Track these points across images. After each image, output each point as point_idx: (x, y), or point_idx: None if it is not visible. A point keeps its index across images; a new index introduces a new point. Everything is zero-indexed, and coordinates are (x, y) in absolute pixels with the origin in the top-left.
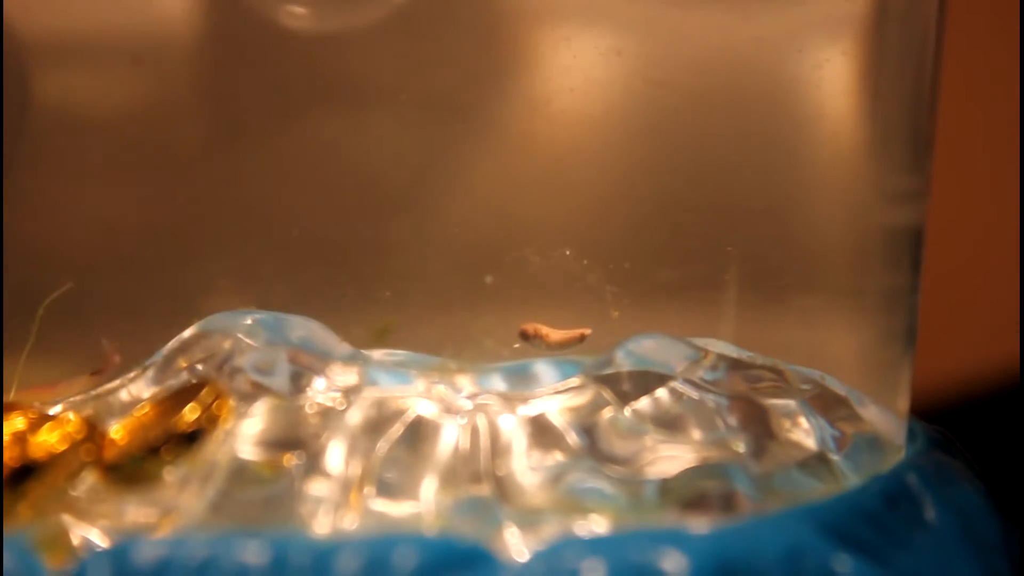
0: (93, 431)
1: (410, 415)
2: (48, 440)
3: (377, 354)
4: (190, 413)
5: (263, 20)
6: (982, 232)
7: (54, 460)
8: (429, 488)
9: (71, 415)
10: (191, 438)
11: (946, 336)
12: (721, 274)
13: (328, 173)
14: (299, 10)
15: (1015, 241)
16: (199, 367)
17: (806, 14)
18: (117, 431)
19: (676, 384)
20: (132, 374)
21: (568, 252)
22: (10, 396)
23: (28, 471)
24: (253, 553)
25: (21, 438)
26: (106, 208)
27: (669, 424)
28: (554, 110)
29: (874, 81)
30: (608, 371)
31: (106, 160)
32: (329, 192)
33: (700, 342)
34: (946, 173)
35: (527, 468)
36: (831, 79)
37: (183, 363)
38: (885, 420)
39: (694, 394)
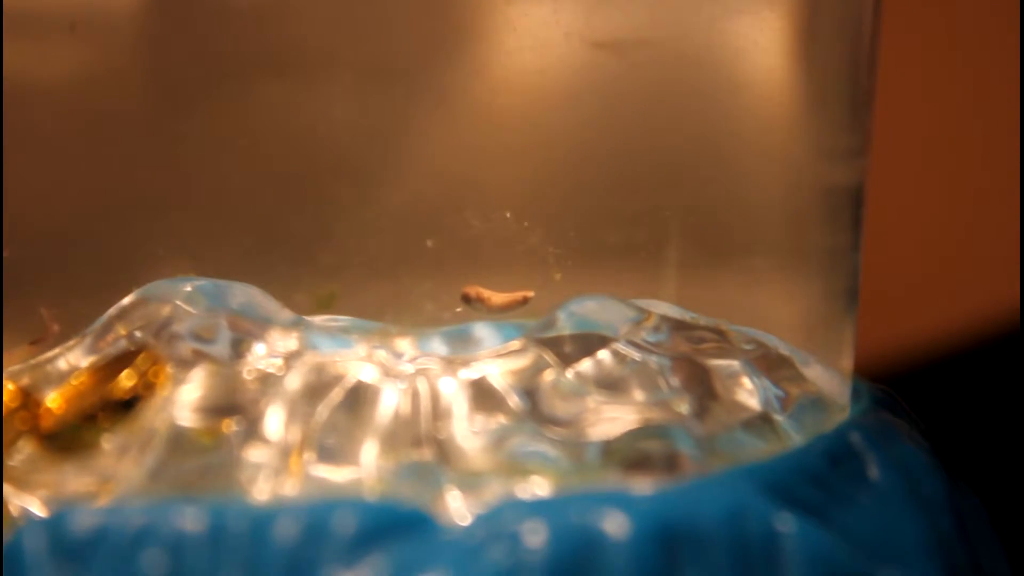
0: (28, 400)
1: (350, 380)
2: None
3: (318, 320)
4: (126, 380)
5: None
6: (981, 184)
7: None
8: (370, 453)
9: (8, 384)
10: (128, 405)
11: (945, 285)
12: (663, 236)
13: (269, 140)
14: None
15: (1015, 190)
16: (137, 334)
17: None
18: (53, 400)
19: (618, 346)
20: (70, 343)
21: (509, 215)
22: None
23: None
24: (190, 520)
25: None
26: (44, 177)
27: (611, 386)
28: (494, 73)
29: (811, 40)
30: (550, 333)
31: (44, 129)
32: (270, 159)
33: (643, 303)
34: (943, 129)
35: (468, 432)
36: (768, 39)
37: (121, 331)
38: (829, 380)
39: (636, 356)
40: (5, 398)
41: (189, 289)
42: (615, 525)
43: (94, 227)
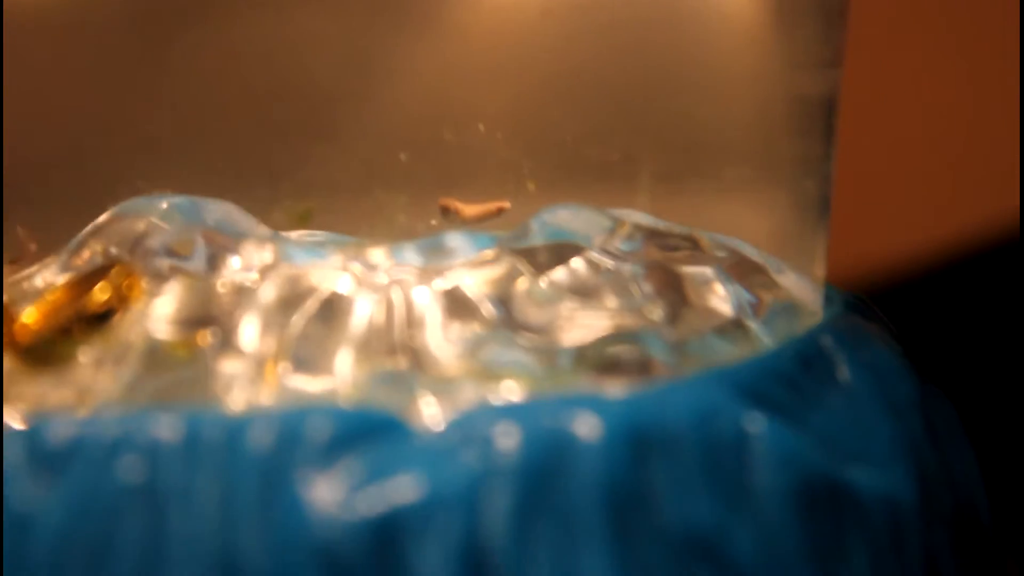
0: (5, 315)
1: (324, 291)
2: None
3: (294, 235)
4: (100, 293)
5: None
6: (980, 87)
7: None
8: (344, 362)
9: None
10: (102, 318)
11: (946, 193)
12: (636, 149)
13: (245, 62)
14: None
15: (1015, 94)
16: (112, 250)
17: None
18: (29, 314)
19: (592, 254)
20: (47, 260)
21: (482, 127)
22: None
23: None
24: (166, 429)
25: None
26: (24, 102)
27: (585, 293)
28: None
29: None
30: (524, 243)
31: (25, 56)
32: (246, 81)
33: (617, 213)
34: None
35: (443, 340)
36: None
37: (96, 247)
38: (801, 286)
39: (610, 264)
40: None
41: (165, 206)
42: (586, 428)
43: (74, 150)
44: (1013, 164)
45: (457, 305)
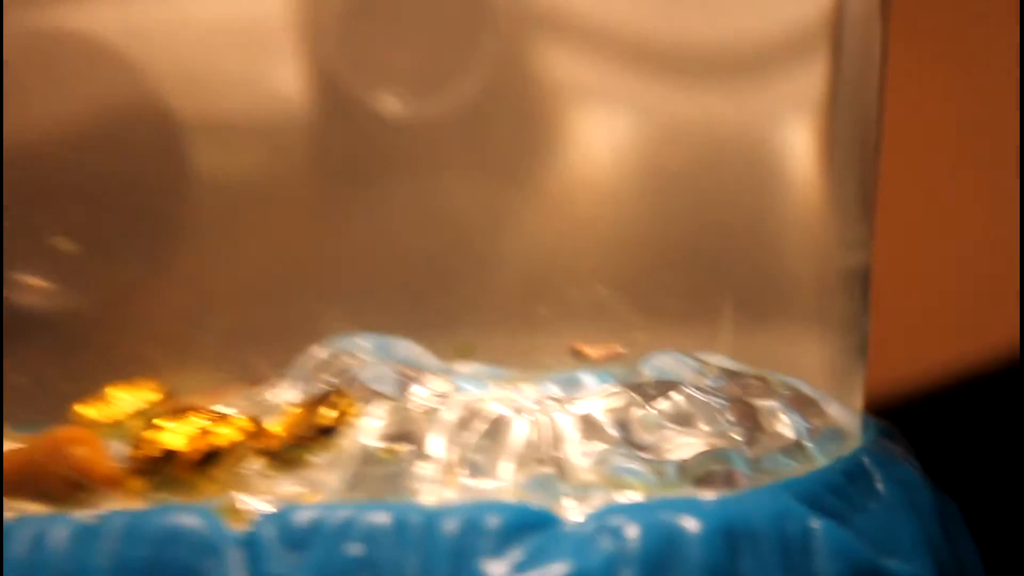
0: (259, 426)
1: (490, 414)
2: (228, 433)
3: (462, 367)
4: (327, 412)
5: (363, 106)
6: (983, 220)
7: (232, 448)
8: (507, 469)
9: (240, 414)
10: (329, 432)
11: (949, 322)
12: (718, 304)
13: (417, 226)
14: (392, 99)
15: (1015, 228)
16: (330, 378)
17: (777, 96)
18: (275, 426)
19: (687, 389)
20: (277, 383)
21: (601, 288)
22: (189, 400)
23: (213, 457)
24: (381, 516)
25: (206, 432)
26: (250, 255)
27: (683, 420)
28: (586, 175)
29: (831, 149)
30: (636, 380)
31: (250, 217)
32: (419, 242)
33: (704, 356)
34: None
35: (579, 453)
36: (799, 149)
37: (318, 375)
38: (845, 416)
39: (701, 397)
40: (247, 426)
41: (365, 343)
42: (691, 524)
43: (287, 292)
44: (1005, 295)
45: (588, 427)
